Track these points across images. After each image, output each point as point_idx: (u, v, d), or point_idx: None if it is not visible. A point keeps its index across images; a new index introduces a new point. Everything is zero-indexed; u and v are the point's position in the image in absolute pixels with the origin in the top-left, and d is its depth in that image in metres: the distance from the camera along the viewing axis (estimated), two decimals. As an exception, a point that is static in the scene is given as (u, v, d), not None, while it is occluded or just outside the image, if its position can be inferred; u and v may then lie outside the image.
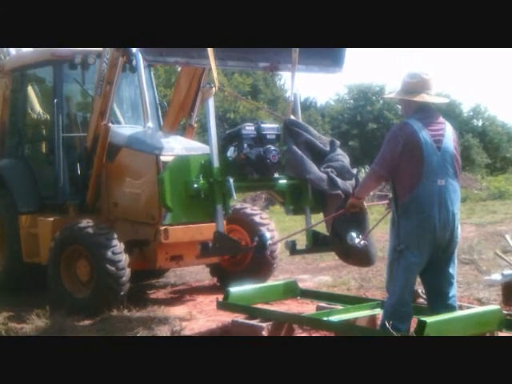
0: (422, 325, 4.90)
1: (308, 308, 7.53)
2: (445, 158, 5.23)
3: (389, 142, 5.27)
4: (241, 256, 8.74)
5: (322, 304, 7.01)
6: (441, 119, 5.38)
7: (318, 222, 7.03)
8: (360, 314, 6.36)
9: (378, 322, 6.01)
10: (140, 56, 7.74)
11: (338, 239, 6.42)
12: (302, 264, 10.86)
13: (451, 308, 5.43)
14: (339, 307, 6.63)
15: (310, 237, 7.10)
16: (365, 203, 5.90)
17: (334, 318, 6.10)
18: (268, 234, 6.96)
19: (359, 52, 42.51)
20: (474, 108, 40.34)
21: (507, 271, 7.28)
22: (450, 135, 5.32)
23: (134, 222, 8.18)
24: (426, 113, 5.33)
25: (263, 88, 35.68)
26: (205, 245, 6.59)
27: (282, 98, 33.21)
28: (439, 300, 5.48)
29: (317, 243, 7.07)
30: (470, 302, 7.28)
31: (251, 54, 6.99)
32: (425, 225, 5.20)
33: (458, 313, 5.49)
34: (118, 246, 7.68)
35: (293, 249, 7.15)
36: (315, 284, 9.29)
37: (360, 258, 6.64)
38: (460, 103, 40.63)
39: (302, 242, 7.38)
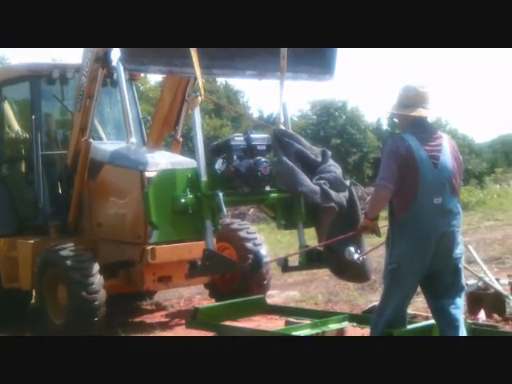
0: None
1: (277, 323, 7.08)
2: (442, 175, 4.65)
3: (388, 156, 4.65)
4: (230, 275, 7.92)
5: (291, 319, 6.67)
6: (438, 134, 4.81)
7: (325, 243, 6.10)
8: (328, 327, 6.07)
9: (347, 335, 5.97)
10: (121, 69, 6.93)
11: (333, 255, 5.84)
12: (269, 280, 10.31)
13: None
14: (307, 322, 6.25)
15: (304, 253, 6.40)
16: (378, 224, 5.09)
17: (303, 332, 5.80)
18: (263, 252, 6.16)
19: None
20: (435, 121, 40.05)
21: (471, 281, 7.12)
22: (447, 151, 4.74)
23: (119, 242, 7.49)
24: (422, 127, 4.75)
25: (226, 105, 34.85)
26: (193, 264, 5.91)
27: (246, 116, 32.41)
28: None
29: (311, 259, 6.38)
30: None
31: (238, 61, 6.33)
32: (419, 244, 4.62)
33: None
34: (91, 268, 6.95)
35: (285, 266, 6.46)
36: (283, 299, 8.99)
37: (356, 273, 6.17)
38: (422, 116, 40.46)
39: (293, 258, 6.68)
